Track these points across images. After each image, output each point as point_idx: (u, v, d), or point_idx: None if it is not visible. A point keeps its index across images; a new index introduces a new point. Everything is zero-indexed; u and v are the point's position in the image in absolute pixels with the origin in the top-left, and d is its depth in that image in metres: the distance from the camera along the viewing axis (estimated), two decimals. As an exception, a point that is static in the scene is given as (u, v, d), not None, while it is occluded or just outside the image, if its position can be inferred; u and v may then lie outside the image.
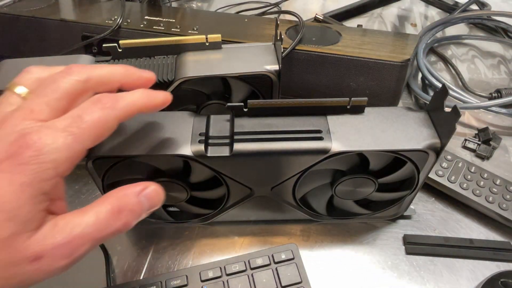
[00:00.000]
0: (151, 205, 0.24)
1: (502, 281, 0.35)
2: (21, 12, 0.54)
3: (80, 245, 0.21)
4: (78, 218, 0.21)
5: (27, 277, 0.20)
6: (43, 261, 0.20)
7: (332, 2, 0.79)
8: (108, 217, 0.22)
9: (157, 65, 0.41)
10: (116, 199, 0.23)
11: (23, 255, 0.19)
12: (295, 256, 0.37)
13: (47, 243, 0.20)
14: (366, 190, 0.36)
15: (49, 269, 0.20)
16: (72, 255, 0.21)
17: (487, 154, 0.49)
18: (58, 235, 0.20)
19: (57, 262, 0.20)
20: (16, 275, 0.20)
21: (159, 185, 0.25)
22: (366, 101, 0.33)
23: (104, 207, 0.22)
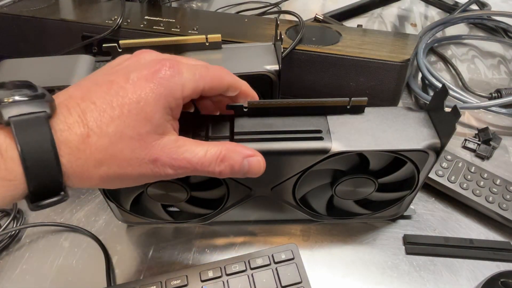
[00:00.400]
0: (249, 171, 0.28)
1: (502, 281, 0.35)
2: (21, 12, 0.54)
3: (184, 167, 0.25)
4: (193, 146, 0.26)
5: (143, 173, 0.24)
6: (157, 164, 0.24)
7: (332, 2, 0.79)
8: (212, 158, 0.26)
9: (157, 65, 0.41)
10: (226, 150, 0.27)
11: (148, 153, 0.24)
12: (295, 256, 0.37)
13: (165, 151, 0.24)
14: (366, 190, 0.36)
15: (159, 173, 0.25)
16: (177, 169, 0.25)
17: (487, 154, 0.49)
18: (174, 150, 0.25)
19: (166, 169, 0.25)
20: (137, 172, 0.24)
21: (263, 159, 0.28)
22: (366, 101, 0.33)
23: (214, 149, 0.26)
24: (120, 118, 0.23)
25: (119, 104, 0.23)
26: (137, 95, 0.23)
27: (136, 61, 0.27)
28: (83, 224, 0.42)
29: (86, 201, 0.44)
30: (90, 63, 0.42)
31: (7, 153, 0.21)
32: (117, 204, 0.37)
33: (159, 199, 0.37)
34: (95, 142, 0.22)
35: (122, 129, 0.23)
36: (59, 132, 0.22)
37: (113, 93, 0.23)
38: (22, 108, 0.21)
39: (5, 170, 0.20)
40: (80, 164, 0.22)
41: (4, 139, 0.21)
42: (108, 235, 0.41)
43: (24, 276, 0.38)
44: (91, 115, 0.23)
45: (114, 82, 0.24)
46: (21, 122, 0.21)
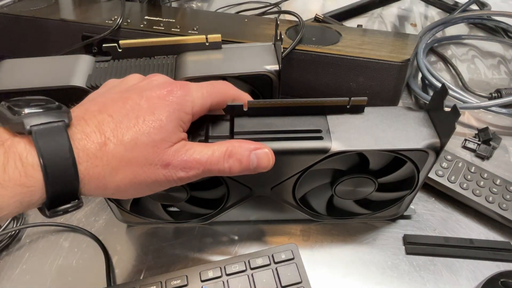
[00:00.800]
0: (258, 164, 0.29)
1: (502, 281, 0.35)
2: (21, 12, 0.54)
3: (194, 168, 0.26)
4: (200, 148, 0.27)
5: (156, 179, 0.26)
6: (169, 169, 0.26)
7: (332, 2, 0.80)
8: (220, 156, 0.27)
9: (157, 65, 0.41)
10: (232, 146, 0.28)
11: (160, 158, 0.25)
12: (295, 256, 0.37)
13: (175, 156, 0.26)
14: (366, 190, 0.36)
15: (172, 176, 0.26)
16: (188, 171, 0.26)
17: (487, 154, 0.49)
18: (184, 154, 0.26)
19: (178, 173, 0.26)
20: (152, 173, 0.25)
21: (271, 151, 0.29)
22: (366, 101, 0.33)
23: (221, 148, 0.28)
24: (136, 127, 0.25)
25: (135, 116, 0.25)
26: (152, 108, 0.26)
27: (149, 83, 0.29)
28: (83, 224, 0.42)
29: (86, 201, 0.44)
30: (90, 63, 0.42)
31: (27, 160, 0.21)
32: (117, 204, 0.37)
33: (159, 199, 0.37)
34: (111, 149, 0.24)
35: (137, 137, 0.24)
36: (77, 141, 0.23)
37: (129, 107, 0.25)
38: (42, 118, 0.22)
39: (25, 177, 0.21)
40: (97, 171, 0.23)
41: (24, 146, 0.22)
42: (108, 235, 0.41)
43: (24, 276, 0.38)
44: (107, 125, 0.24)
45: (129, 98, 0.26)
46: (41, 130, 0.22)
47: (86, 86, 0.39)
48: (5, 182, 0.21)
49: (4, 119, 0.23)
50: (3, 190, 0.21)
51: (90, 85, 0.39)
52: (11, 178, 0.21)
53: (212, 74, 0.39)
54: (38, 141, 0.22)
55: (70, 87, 0.39)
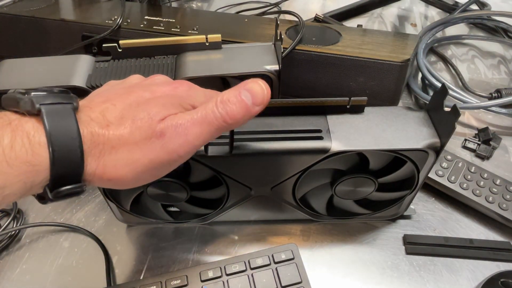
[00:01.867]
0: (254, 99, 0.27)
1: (502, 281, 0.35)
2: (21, 12, 0.54)
3: (191, 126, 0.25)
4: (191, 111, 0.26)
5: (156, 154, 0.25)
6: (165, 138, 0.25)
7: (332, 2, 0.80)
8: (213, 107, 0.26)
9: (157, 65, 0.41)
10: (220, 95, 0.27)
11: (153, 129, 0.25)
12: (295, 256, 0.37)
13: (167, 123, 0.25)
14: (366, 189, 0.36)
15: (170, 146, 0.25)
16: (186, 133, 0.25)
17: (487, 154, 0.49)
18: (175, 119, 0.25)
19: (175, 139, 0.25)
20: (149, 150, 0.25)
21: (263, 81, 0.28)
22: (365, 101, 0.33)
23: (210, 102, 0.26)
24: (137, 108, 0.25)
25: (137, 104, 0.25)
26: (154, 97, 0.26)
27: (152, 82, 0.29)
28: (83, 224, 0.42)
29: (86, 201, 0.44)
30: (90, 63, 0.42)
31: (34, 138, 0.22)
32: (117, 204, 0.37)
33: (159, 199, 0.37)
34: (113, 130, 0.24)
35: (136, 114, 0.25)
36: (83, 123, 0.23)
37: (133, 98, 0.26)
38: (51, 98, 0.23)
39: (31, 155, 0.21)
40: (98, 150, 0.24)
41: (32, 125, 0.22)
42: (108, 235, 0.41)
43: (24, 276, 0.38)
44: (111, 113, 0.25)
45: (133, 92, 0.26)
46: (50, 109, 0.22)
47: (86, 86, 0.39)
48: (11, 160, 0.21)
49: (14, 100, 0.23)
50: (9, 168, 0.21)
51: (90, 85, 0.39)
52: (17, 156, 0.21)
53: (212, 74, 0.39)
54: (46, 120, 0.22)
55: (70, 87, 0.39)
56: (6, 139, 0.21)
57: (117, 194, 0.36)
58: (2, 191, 0.21)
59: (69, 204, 0.44)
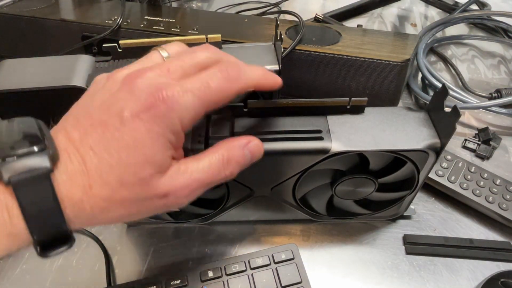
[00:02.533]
0: (252, 158, 0.28)
1: (502, 281, 0.35)
2: (21, 12, 0.54)
3: (196, 188, 0.25)
4: (195, 164, 0.25)
5: (155, 209, 0.24)
6: (169, 198, 0.24)
7: (332, 2, 0.79)
8: (219, 165, 0.25)
9: (157, 65, 0.41)
10: (225, 150, 0.26)
11: (155, 192, 0.23)
12: (295, 256, 0.37)
13: (173, 184, 0.24)
14: (366, 190, 0.36)
15: (172, 204, 0.24)
16: (190, 195, 0.25)
17: (487, 154, 0.49)
18: (181, 179, 0.24)
19: (180, 200, 0.24)
20: (148, 208, 0.24)
21: (259, 140, 0.28)
22: (366, 101, 0.33)
23: (215, 156, 0.26)
24: (120, 165, 0.22)
25: (116, 149, 0.22)
26: (133, 139, 0.22)
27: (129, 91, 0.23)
28: (83, 224, 0.42)
29: (86, 201, 0.44)
30: (90, 63, 0.42)
31: (13, 211, 0.21)
32: (117, 204, 0.37)
33: (159, 199, 0.37)
34: (98, 192, 0.22)
35: (123, 177, 0.22)
36: (62, 185, 0.21)
37: (109, 137, 0.22)
38: (24, 162, 0.21)
39: (11, 226, 0.21)
40: (85, 214, 0.22)
41: (9, 197, 0.21)
42: (108, 235, 0.41)
43: (24, 276, 0.38)
44: (91, 162, 0.22)
45: (108, 125, 0.23)
46: (22, 181, 0.20)
47: (86, 86, 0.39)
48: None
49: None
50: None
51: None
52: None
53: (212, 74, 0.39)
54: (19, 194, 0.20)
55: (70, 87, 0.39)
56: None
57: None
58: None
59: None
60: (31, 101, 0.40)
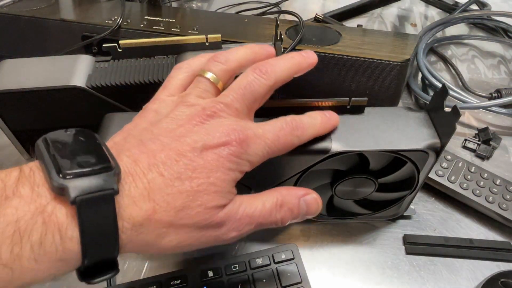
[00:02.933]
0: (308, 211, 0.28)
1: (502, 281, 0.35)
2: (21, 12, 0.54)
3: (247, 224, 0.25)
4: (250, 201, 0.26)
5: (207, 240, 0.24)
6: (222, 229, 0.24)
7: (332, 2, 0.80)
8: (272, 208, 0.26)
9: (157, 65, 0.41)
10: (280, 195, 0.27)
11: (212, 223, 0.23)
12: (295, 256, 0.37)
13: (228, 217, 0.24)
14: (366, 190, 0.36)
15: (223, 237, 0.24)
16: (241, 230, 0.25)
17: (487, 154, 0.49)
18: (236, 212, 0.24)
19: (230, 233, 0.25)
20: (202, 237, 0.24)
21: (318, 196, 0.28)
22: (366, 101, 0.33)
23: (270, 198, 0.26)
24: (189, 192, 0.22)
25: (188, 177, 0.22)
26: (207, 170, 0.23)
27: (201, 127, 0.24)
28: (83, 224, 0.42)
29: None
30: (90, 63, 0.42)
31: (66, 234, 0.20)
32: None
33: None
34: (160, 217, 0.22)
35: (189, 204, 0.22)
36: (123, 208, 0.21)
37: (182, 165, 0.22)
38: (89, 182, 0.20)
39: (62, 252, 0.20)
40: (140, 238, 0.22)
41: (66, 216, 0.20)
42: (108, 235, 0.41)
43: (24, 276, 0.38)
44: (158, 188, 0.22)
45: (183, 153, 0.23)
46: (87, 201, 0.19)
47: (86, 86, 0.39)
48: (40, 257, 0.19)
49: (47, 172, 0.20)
50: (37, 265, 0.19)
51: (90, 85, 0.39)
52: (47, 253, 0.19)
53: (212, 74, 0.39)
54: (82, 214, 0.19)
55: (70, 87, 0.39)
56: (36, 235, 0.19)
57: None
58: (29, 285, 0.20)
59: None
60: (31, 101, 0.40)
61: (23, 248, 0.18)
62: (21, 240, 0.18)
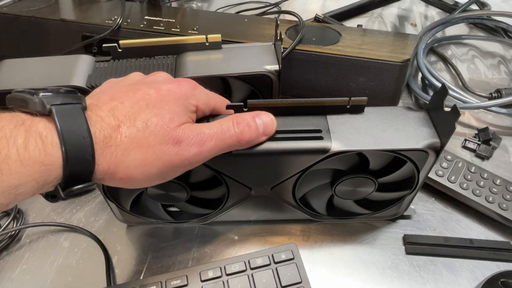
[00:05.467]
0: (264, 128, 0.30)
1: (502, 281, 0.35)
2: (21, 12, 0.54)
3: (207, 139, 0.27)
4: (207, 124, 0.28)
5: (169, 158, 0.26)
6: (181, 145, 0.26)
7: (332, 2, 0.79)
8: (229, 125, 0.28)
9: (157, 65, 0.41)
10: (235, 116, 0.29)
11: (170, 136, 0.26)
12: (295, 256, 0.37)
13: (186, 132, 0.27)
14: (366, 189, 0.36)
15: (184, 154, 0.26)
16: (201, 145, 0.27)
17: (487, 154, 0.49)
18: (193, 129, 0.27)
19: (191, 148, 0.26)
20: (163, 154, 0.26)
21: (272, 116, 0.31)
22: (366, 101, 0.33)
23: (227, 120, 0.29)
24: (147, 110, 0.26)
25: (145, 103, 0.26)
26: (160, 96, 0.27)
27: (154, 78, 0.30)
28: (83, 224, 0.42)
29: (86, 201, 0.44)
30: (90, 63, 0.42)
31: (47, 139, 0.22)
32: (117, 204, 0.37)
33: (159, 199, 0.37)
34: (124, 131, 0.25)
35: (148, 118, 0.26)
36: (93, 122, 0.24)
37: (139, 96, 0.27)
38: (60, 99, 0.23)
39: (44, 155, 0.22)
40: (110, 151, 0.24)
41: (44, 125, 0.22)
42: (108, 235, 0.41)
43: (24, 276, 0.38)
44: (120, 111, 0.25)
45: (139, 89, 0.27)
46: (61, 110, 0.23)
47: (86, 86, 0.39)
48: (25, 160, 0.21)
49: (23, 101, 0.23)
50: (22, 168, 0.21)
51: (90, 85, 0.39)
52: (31, 156, 0.21)
53: (212, 74, 0.39)
54: (58, 120, 0.22)
55: (70, 87, 0.39)
56: (20, 139, 0.21)
57: (117, 194, 0.36)
58: (16, 189, 0.21)
59: (69, 204, 0.44)
60: (31, 101, 0.40)
61: (10, 151, 0.21)
62: (8, 143, 0.21)
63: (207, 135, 0.27)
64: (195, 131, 0.27)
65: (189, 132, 0.27)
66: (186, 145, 0.26)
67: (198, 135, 0.27)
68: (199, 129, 0.27)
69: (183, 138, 0.26)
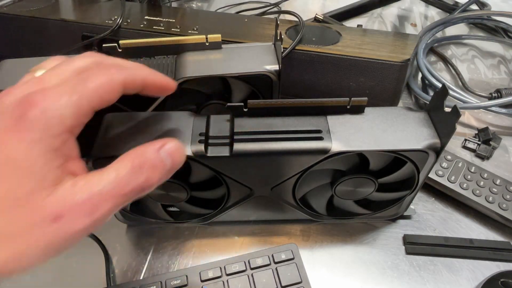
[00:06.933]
0: (173, 161, 0.23)
1: (502, 281, 0.35)
2: (21, 12, 0.54)
3: (101, 202, 0.20)
4: (98, 176, 0.20)
5: (50, 240, 0.19)
6: (63, 221, 0.19)
7: (332, 2, 0.79)
8: (129, 173, 0.21)
9: (157, 65, 0.41)
10: (135, 156, 0.22)
11: (42, 214, 0.19)
12: (295, 256, 0.37)
13: (66, 200, 0.19)
14: (366, 190, 0.36)
15: (70, 230, 0.19)
16: (93, 213, 0.20)
17: (487, 154, 0.49)
18: (77, 193, 0.19)
19: (78, 222, 0.19)
20: (39, 238, 0.19)
21: (178, 141, 0.24)
22: (366, 101, 0.33)
23: (124, 164, 0.21)
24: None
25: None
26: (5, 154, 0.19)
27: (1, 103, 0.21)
28: (83, 224, 0.42)
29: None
30: (90, 63, 0.42)
31: None
32: (117, 204, 0.37)
33: (159, 199, 0.37)
34: None
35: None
36: None
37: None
38: None
39: None
40: None
41: None
42: (108, 235, 0.41)
43: (24, 276, 0.38)
44: None
45: None
46: None
47: (86, 86, 0.39)
48: None
49: None
50: None
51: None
52: None
53: (212, 74, 0.39)
54: None
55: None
56: None
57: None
58: None
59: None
60: (31, 101, 0.40)
61: None
62: None
63: (99, 197, 0.20)
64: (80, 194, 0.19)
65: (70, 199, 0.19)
66: (71, 220, 0.19)
67: (87, 201, 0.19)
68: (86, 190, 0.20)
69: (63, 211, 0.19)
